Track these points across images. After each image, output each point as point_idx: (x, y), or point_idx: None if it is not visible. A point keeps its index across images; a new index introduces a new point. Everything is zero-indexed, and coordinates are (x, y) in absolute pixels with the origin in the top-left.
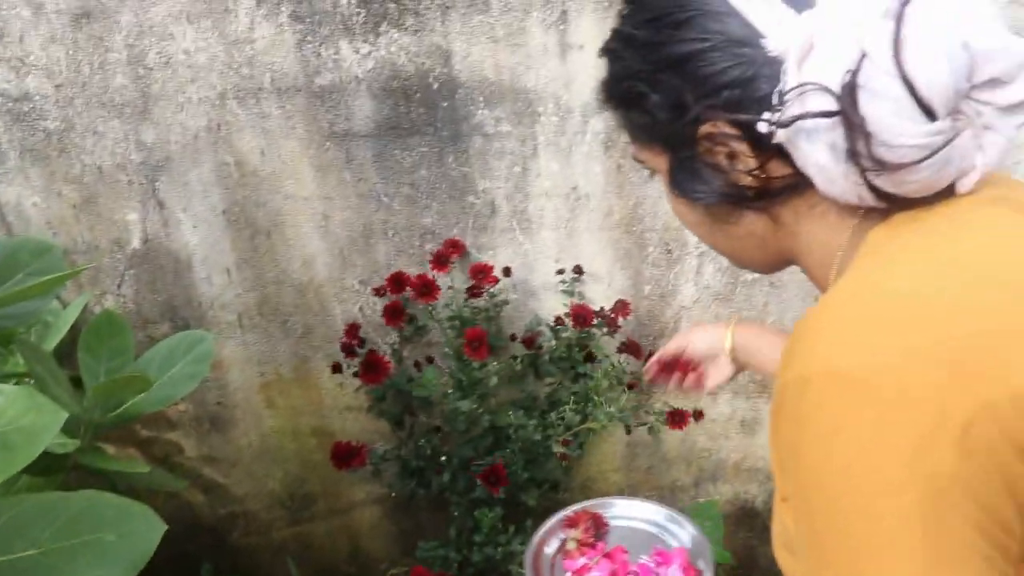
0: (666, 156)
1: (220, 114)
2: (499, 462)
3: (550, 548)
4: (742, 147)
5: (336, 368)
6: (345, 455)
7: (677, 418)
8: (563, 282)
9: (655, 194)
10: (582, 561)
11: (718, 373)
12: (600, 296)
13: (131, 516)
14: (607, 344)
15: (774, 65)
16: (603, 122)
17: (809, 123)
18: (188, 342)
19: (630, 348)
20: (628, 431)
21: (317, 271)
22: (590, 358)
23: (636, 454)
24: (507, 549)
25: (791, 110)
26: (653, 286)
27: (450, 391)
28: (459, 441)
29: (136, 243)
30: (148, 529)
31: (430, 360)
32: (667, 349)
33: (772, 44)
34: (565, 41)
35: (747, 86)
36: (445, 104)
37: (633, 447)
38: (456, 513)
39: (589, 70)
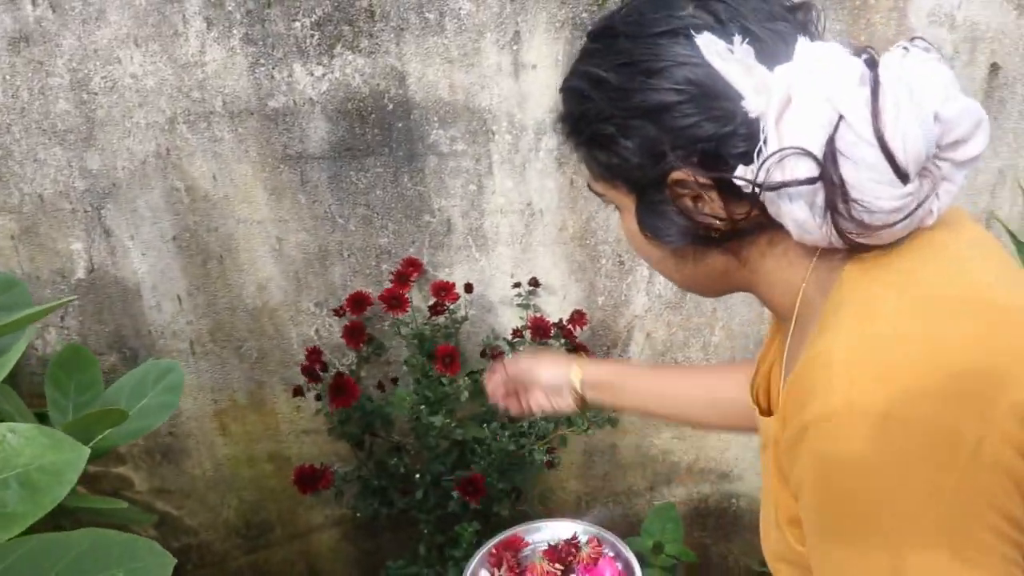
0: (632, 197)
1: (170, 139)
2: (475, 474)
3: None
4: (711, 194)
5: (297, 391)
6: (309, 479)
7: None
8: (519, 295)
9: (607, 209)
10: None
11: (559, 401)
12: (555, 308)
13: (138, 551)
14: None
15: (751, 124)
16: (556, 140)
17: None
18: (157, 372)
19: (579, 350)
20: (614, 424)
21: (272, 295)
22: None
23: (593, 462)
24: None
25: (773, 172)
26: (606, 297)
27: (423, 407)
28: (428, 457)
29: (81, 273)
30: (157, 564)
31: (395, 381)
32: (511, 373)
33: (750, 105)
34: (519, 61)
35: (724, 141)
36: (400, 124)
37: (590, 455)
38: (426, 531)
39: (543, 89)
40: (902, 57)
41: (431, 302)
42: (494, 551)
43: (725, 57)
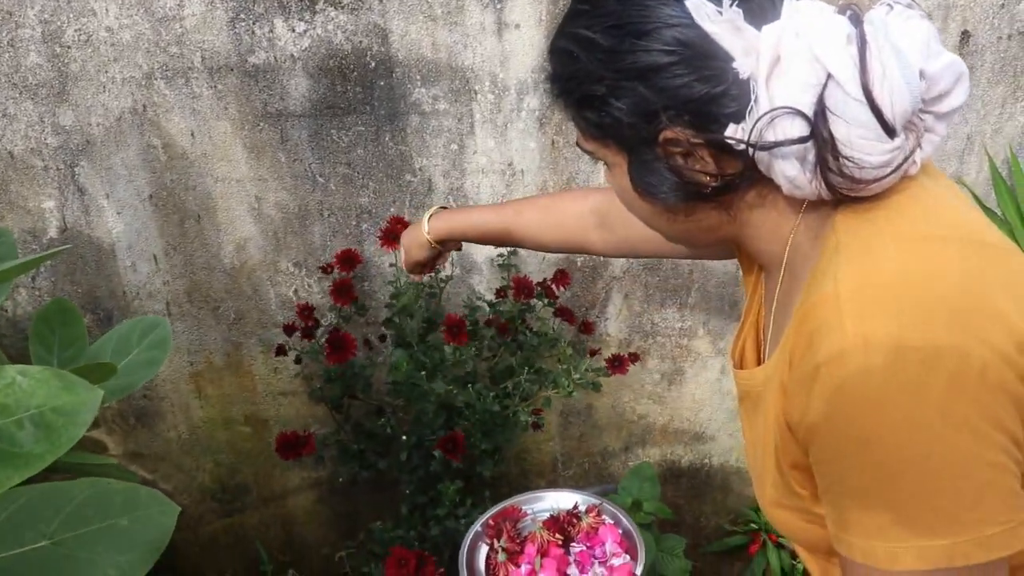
0: (623, 155)
1: (146, 95)
2: (456, 432)
3: (480, 558)
4: (703, 151)
5: (280, 350)
6: (292, 445)
7: (617, 363)
8: (500, 256)
9: (588, 168)
10: (525, 567)
11: (442, 261)
12: (535, 269)
13: (140, 500)
14: (545, 315)
15: (741, 84)
16: (538, 100)
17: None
18: (143, 328)
19: (563, 314)
20: (597, 388)
21: (250, 255)
22: (529, 329)
23: (569, 422)
24: (470, 519)
25: (766, 133)
26: (585, 259)
27: (422, 373)
28: (414, 419)
29: (53, 232)
30: (161, 512)
31: (382, 339)
32: (405, 264)
33: (740, 65)
34: (502, 20)
35: (715, 101)
36: (382, 83)
37: (566, 415)
38: (408, 491)
39: (526, 48)
40: (886, 15)
41: None
42: (492, 522)
43: (714, 19)
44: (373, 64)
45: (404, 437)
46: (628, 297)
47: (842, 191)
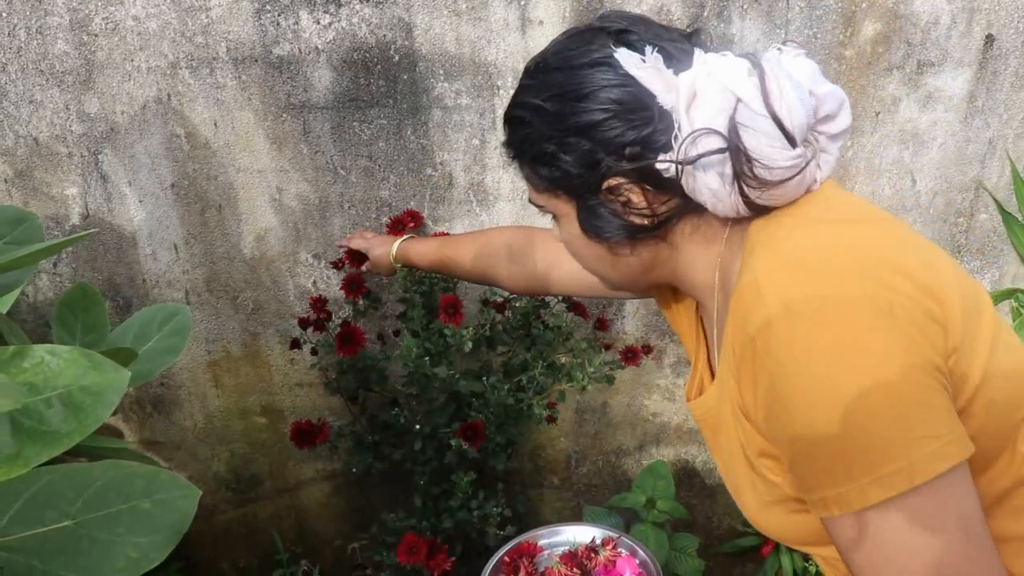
0: (572, 204)
1: (171, 84)
2: (476, 420)
3: None
4: (636, 193)
5: (295, 344)
6: (307, 434)
7: (631, 355)
8: None
9: None
10: None
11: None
12: None
13: (161, 483)
14: (559, 311)
15: (665, 119)
16: None
17: (704, 159)
18: (163, 315)
19: (577, 309)
20: (611, 382)
21: (270, 245)
22: (545, 324)
23: (584, 420)
24: (482, 512)
25: (690, 151)
26: None
27: (426, 359)
28: (426, 410)
29: (75, 219)
30: (182, 496)
31: (396, 333)
32: (352, 243)
33: (663, 100)
34: (526, 16)
35: (646, 141)
36: (405, 76)
37: (581, 413)
38: (421, 482)
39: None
40: (779, 53)
41: None
42: (508, 558)
43: (639, 65)
44: (397, 58)
45: (418, 427)
46: None
47: (755, 199)
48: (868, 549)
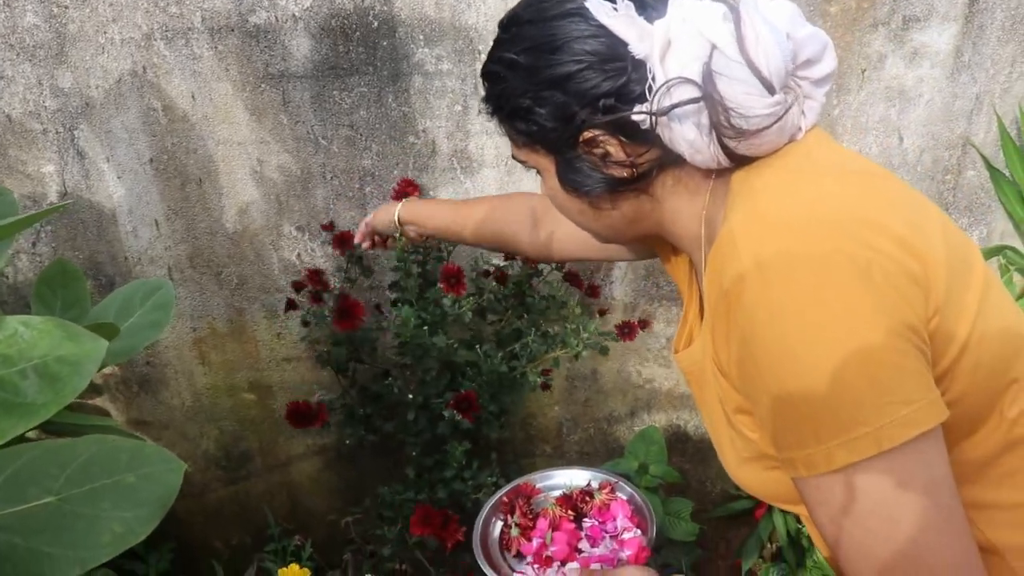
0: (551, 157)
1: (146, 56)
2: (469, 391)
3: (494, 532)
4: (614, 145)
5: (291, 304)
6: (303, 416)
7: (626, 330)
8: None
9: None
10: (537, 541)
11: (391, 243)
12: None
13: (146, 456)
14: (552, 279)
15: (640, 68)
16: None
17: (679, 109)
18: (145, 290)
19: (571, 279)
20: (604, 352)
21: (252, 219)
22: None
23: (575, 387)
24: (477, 482)
25: (664, 101)
26: None
27: (424, 328)
28: (419, 380)
29: (53, 197)
30: (167, 469)
31: (395, 303)
32: (365, 225)
33: (636, 49)
34: None
35: (620, 92)
36: (385, 43)
37: (572, 380)
38: (414, 453)
39: None
40: None
41: None
42: (506, 499)
43: (611, 14)
44: (376, 24)
45: (411, 396)
46: (633, 262)
47: (734, 149)
48: (833, 511)
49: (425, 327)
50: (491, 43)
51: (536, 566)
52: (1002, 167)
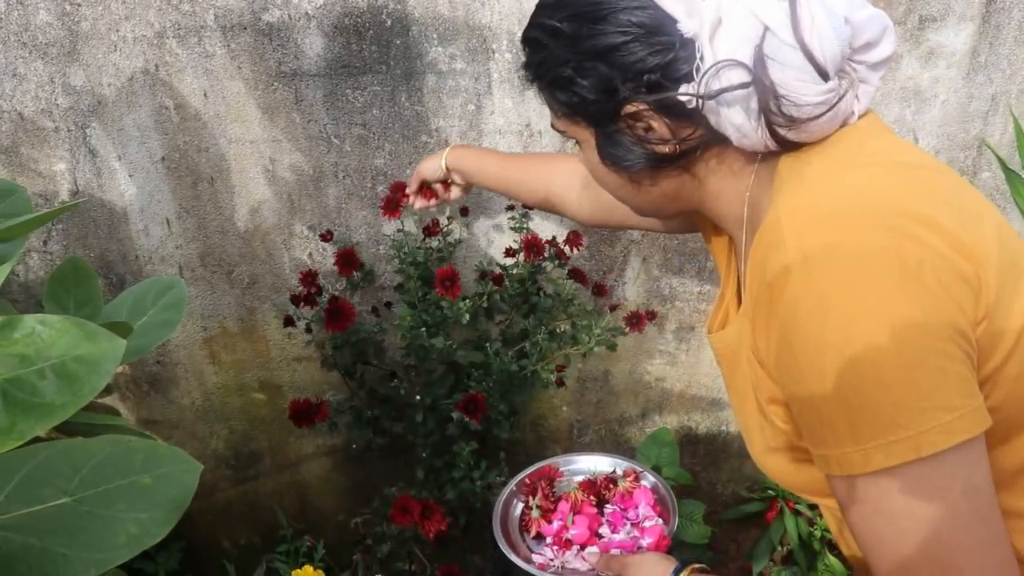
0: (591, 130)
1: (158, 54)
2: (476, 393)
3: (515, 513)
4: (658, 121)
5: (288, 321)
6: (305, 413)
7: (635, 320)
8: (512, 219)
9: None
10: (557, 524)
11: (453, 190)
12: (550, 233)
13: (161, 457)
14: (557, 277)
15: (688, 47)
16: None
17: (727, 93)
18: (158, 288)
19: (576, 275)
20: (613, 348)
21: (264, 218)
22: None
23: (586, 388)
24: (485, 482)
25: (712, 84)
26: None
27: (423, 330)
28: (425, 382)
29: (64, 195)
30: (183, 470)
31: (388, 305)
32: (411, 180)
33: (685, 26)
34: None
35: (666, 69)
36: (398, 41)
37: (583, 381)
38: (423, 454)
39: None
40: None
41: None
42: (528, 480)
43: None
44: (389, 22)
45: (419, 398)
46: (646, 261)
47: (783, 135)
48: (867, 511)
49: (424, 328)
50: (506, 44)
51: (555, 548)
52: (1018, 168)
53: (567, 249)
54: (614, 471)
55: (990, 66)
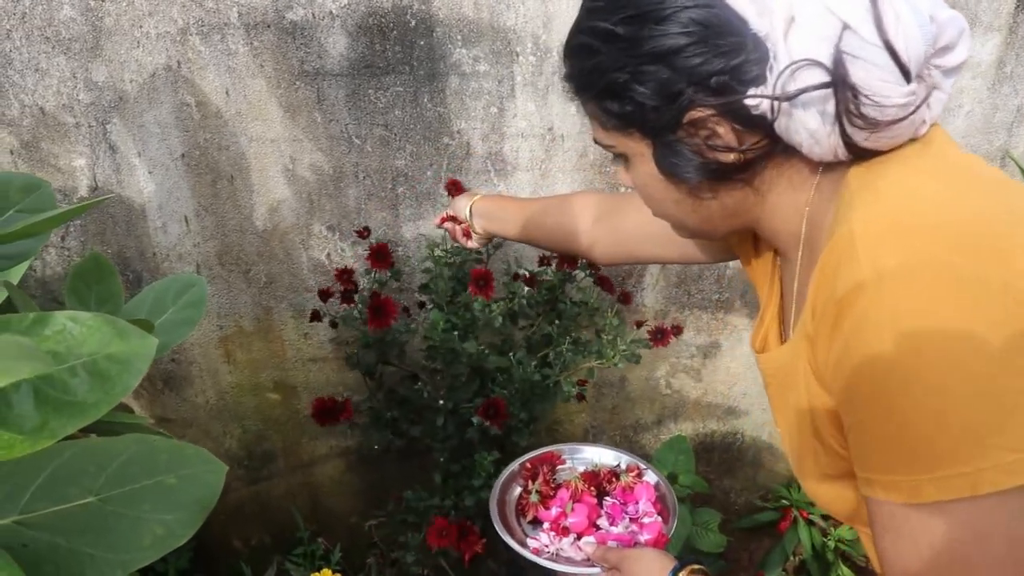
0: (646, 141)
1: (181, 51)
2: (497, 398)
3: (512, 495)
4: (724, 127)
5: (315, 316)
6: (329, 411)
7: (659, 335)
8: None
9: None
10: (555, 510)
11: (474, 238)
12: None
13: (187, 457)
14: (585, 285)
15: (758, 47)
16: None
17: (804, 95)
18: (178, 286)
19: (604, 283)
20: (637, 361)
21: (283, 217)
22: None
23: (602, 394)
24: None
25: (788, 86)
26: None
27: (455, 332)
28: (449, 385)
29: (84, 191)
30: (209, 471)
31: (421, 305)
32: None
33: (756, 25)
34: None
35: (735, 71)
36: (422, 42)
37: (599, 387)
38: (442, 459)
39: (569, 10)
40: None
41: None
42: (529, 464)
43: None
44: (413, 23)
45: (441, 402)
46: (665, 268)
47: (858, 142)
48: (903, 542)
49: (455, 332)
50: (530, 47)
51: (552, 534)
52: None
53: None
54: (618, 464)
55: (1016, 77)
